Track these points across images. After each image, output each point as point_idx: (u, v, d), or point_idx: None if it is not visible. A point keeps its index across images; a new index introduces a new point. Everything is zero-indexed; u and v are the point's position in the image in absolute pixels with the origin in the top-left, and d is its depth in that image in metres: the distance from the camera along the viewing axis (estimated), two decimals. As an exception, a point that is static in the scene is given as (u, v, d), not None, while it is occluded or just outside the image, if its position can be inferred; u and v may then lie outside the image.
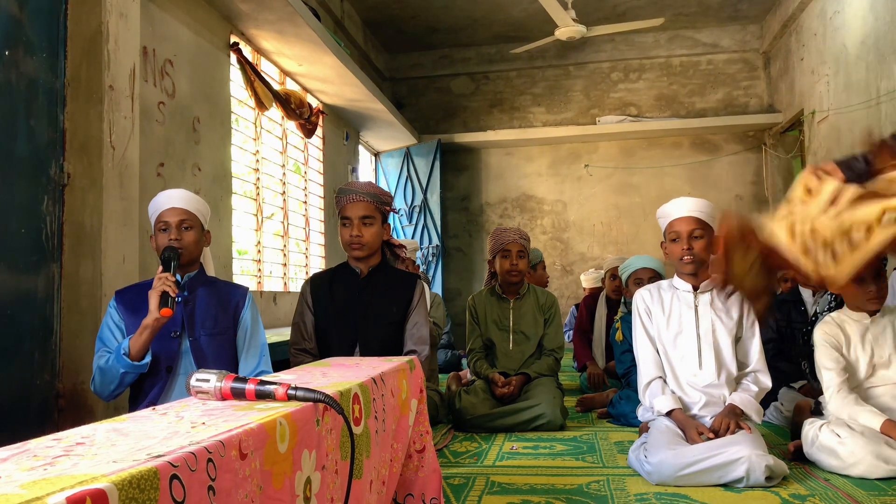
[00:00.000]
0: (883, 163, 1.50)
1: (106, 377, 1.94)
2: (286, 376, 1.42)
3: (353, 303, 2.50)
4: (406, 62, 8.17)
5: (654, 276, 3.51)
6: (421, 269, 6.41)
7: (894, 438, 2.24)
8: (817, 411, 2.61)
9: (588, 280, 5.27)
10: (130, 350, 1.91)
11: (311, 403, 1.06)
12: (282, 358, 2.81)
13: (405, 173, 7.80)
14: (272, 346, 2.52)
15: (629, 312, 3.08)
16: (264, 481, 0.89)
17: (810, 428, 2.41)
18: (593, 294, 4.79)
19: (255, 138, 4.84)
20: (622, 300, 3.97)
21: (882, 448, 2.20)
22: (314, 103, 5.79)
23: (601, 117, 7.80)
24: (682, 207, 2.53)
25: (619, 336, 3.47)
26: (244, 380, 1.07)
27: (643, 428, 2.69)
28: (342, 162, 6.67)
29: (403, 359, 1.74)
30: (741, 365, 2.54)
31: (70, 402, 2.40)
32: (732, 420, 2.33)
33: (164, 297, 1.90)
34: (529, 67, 7.98)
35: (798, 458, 2.46)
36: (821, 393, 2.53)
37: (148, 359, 1.95)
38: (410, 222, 7.75)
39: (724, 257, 1.49)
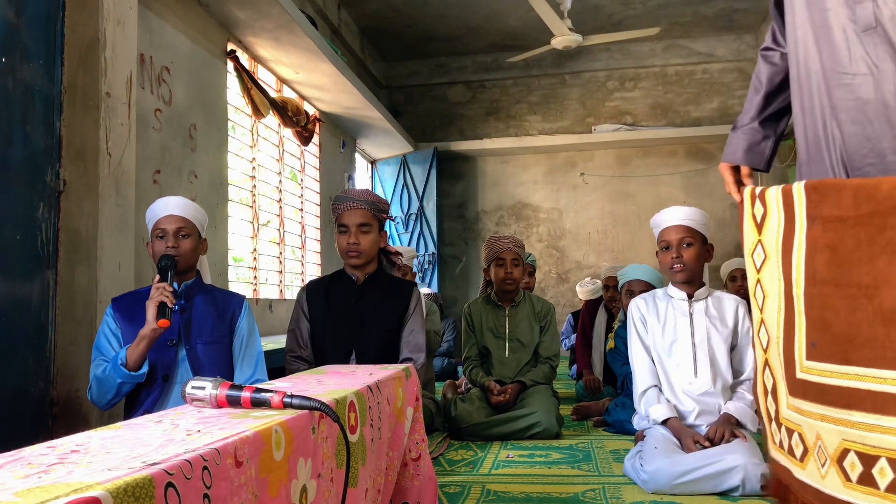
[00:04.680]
0: None
1: (103, 387, 1.94)
2: (282, 384, 1.42)
3: (349, 310, 2.50)
4: (403, 70, 8.19)
5: (647, 288, 3.48)
6: (417, 279, 6.40)
7: None
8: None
9: (584, 292, 5.27)
10: (127, 360, 1.90)
11: (306, 411, 1.05)
12: (277, 365, 2.80)
13: (401, 181, 7.81)
14: (268, 354, 2.51)
15: (623, 325, 3.07)
16: (260, 489, 0.89)
17: None
18: (595, 300, 4.80)
19: (252, 146, 4.84)
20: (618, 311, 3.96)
21: None
22: (311, 111, 5.80)
23: (597, 126, 7.83)
24: (673, 216, 2.54)
25: (610, 344, 3.47)
26: (240, 387, 1.06)
27: (639, 436, 2.69)
28: (338, 169, 6.67)
29: (399, 367, 1.74)
30: (736, 373, 2.54)
31: (64, 410, 2.39)
32: (727, 429, 2.33)
33: (161, 307, 1.89)
34: (525, 76, 8.01)
35: None
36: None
37: (145, 369, 1.94)
38: (406, 230, 7.75)
39: None
